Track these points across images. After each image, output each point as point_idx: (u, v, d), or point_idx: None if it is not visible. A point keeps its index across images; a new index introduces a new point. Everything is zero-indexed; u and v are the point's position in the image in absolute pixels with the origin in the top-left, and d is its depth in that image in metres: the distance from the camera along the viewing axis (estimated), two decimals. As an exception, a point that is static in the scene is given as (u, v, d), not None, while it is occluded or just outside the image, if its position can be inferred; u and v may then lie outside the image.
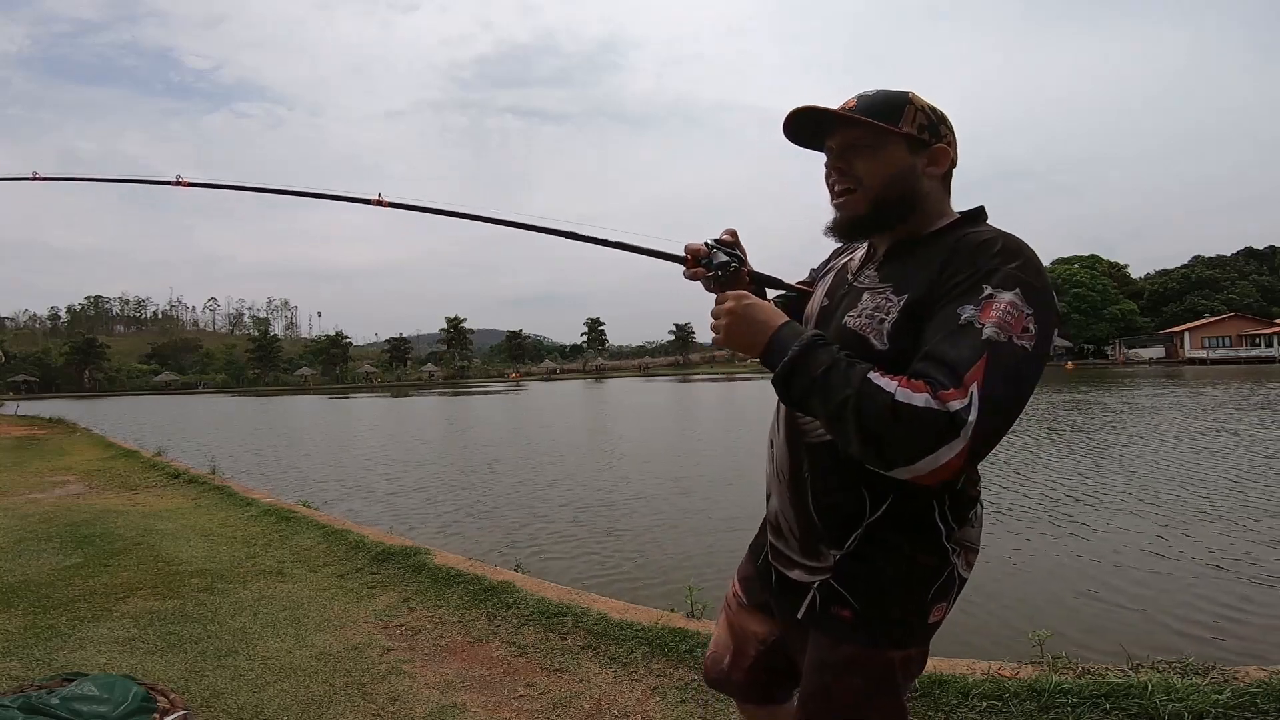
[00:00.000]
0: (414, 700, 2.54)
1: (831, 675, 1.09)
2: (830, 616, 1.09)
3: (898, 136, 1.07)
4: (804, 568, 1.14)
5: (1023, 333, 0.90)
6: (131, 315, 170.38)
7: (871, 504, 1.05)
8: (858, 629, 1.07)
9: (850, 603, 1.07)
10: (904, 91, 1.09)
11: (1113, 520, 6.77)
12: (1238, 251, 74.27)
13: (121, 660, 2.88)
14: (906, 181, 1.08)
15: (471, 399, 39.84)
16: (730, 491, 8.88)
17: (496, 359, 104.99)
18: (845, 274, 1.20)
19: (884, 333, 1.02)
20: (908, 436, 0.86)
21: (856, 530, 1.07)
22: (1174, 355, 55.91)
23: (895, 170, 1.07)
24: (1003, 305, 0.91)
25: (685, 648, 2.84)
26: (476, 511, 8.26)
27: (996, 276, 0.94)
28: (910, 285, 1.03)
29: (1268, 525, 6.33)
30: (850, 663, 1.08)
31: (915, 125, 1.07)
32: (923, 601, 1.07)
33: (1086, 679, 2.32)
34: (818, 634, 1.12)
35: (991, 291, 0.93)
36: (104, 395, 71.87)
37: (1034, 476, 9.17)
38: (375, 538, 4.87)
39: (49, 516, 5.97)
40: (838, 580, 1.09)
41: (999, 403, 0.87)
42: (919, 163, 1.08)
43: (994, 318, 0.90)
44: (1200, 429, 13.51)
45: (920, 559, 1.06)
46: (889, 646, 1.07)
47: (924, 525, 1.05)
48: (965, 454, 0.85)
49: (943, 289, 0.97)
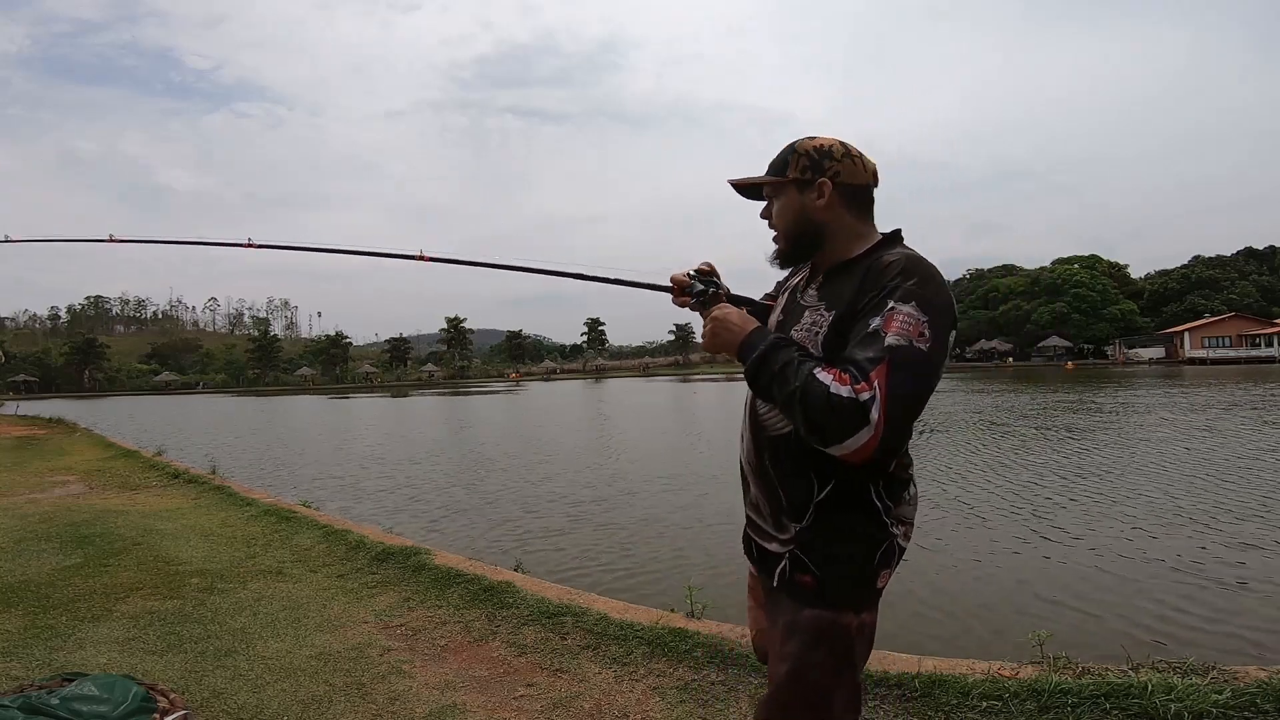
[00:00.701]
0: (414, 700, 2.54)
1: (797, 643, 1.24)
2: (796, 583, 1.26)
3: (788, 184, 1.30)
4: (777, 540, 1.31)
5: (919, 337, 1.10)
6: (131, 315, 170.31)
7: (819, 485, 1.23)
8: (818, 594, 1.23)
9: (811, 569, 1.24)
10: (793, 143, 1.32)
11: (1112, 520, 6.77)
12: (1238, 251, 74.20)
13: (121, 660, 2.88)
14: (803, 217, 1.30)
15: (471, 399, 39.85)
16: (730, 491, 8.87)
17: (496, 359, 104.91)
18: (795, 293, 1.41)
19: (818, 344, 1.23)
20: (837, 422, 1.06)
21: (810, 507, 1.25)
22: (1174, 355, 55.90)
23: (793, 211, 1.31)
24: (901, 315, 1.12)
25: (685, 648, 2.84)
26: (476, 511, 8.26)
27: (898, 293, 1.15)
28: (838, 303, 1.24)
29: (1268, 525, 6.33)
30: (814, 630, 1.23)
31: (799, 169, 1.29)
32: (869, 568, 1.24)
33: (1086, 679, 2.32)
34: (786, 599, 1.28)
35: (894, 305, 1.13)
36: (104, 395, 71.87)
37: (1034, 476, 9.17)
38: (375, 538, 4.87)
39: (49, 516, 5.97)
40: (800, 550, 1.26)
41: (899, 395, 1.07)
42: (809, 199, 1.29)
43: (894, 327, 1.11)
44: (1199, 429, 13.52)
45: (863, 531, 1.23)
46: (845, 609, 1.23)
47: (864, 503, 1.23)
48: (878, 437, 1.05)
49: (859, 305, 1.18)
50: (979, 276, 79.41)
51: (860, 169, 1.29)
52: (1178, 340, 56.51)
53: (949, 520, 6.95)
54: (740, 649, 2.78)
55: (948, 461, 10.61)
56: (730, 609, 3.87)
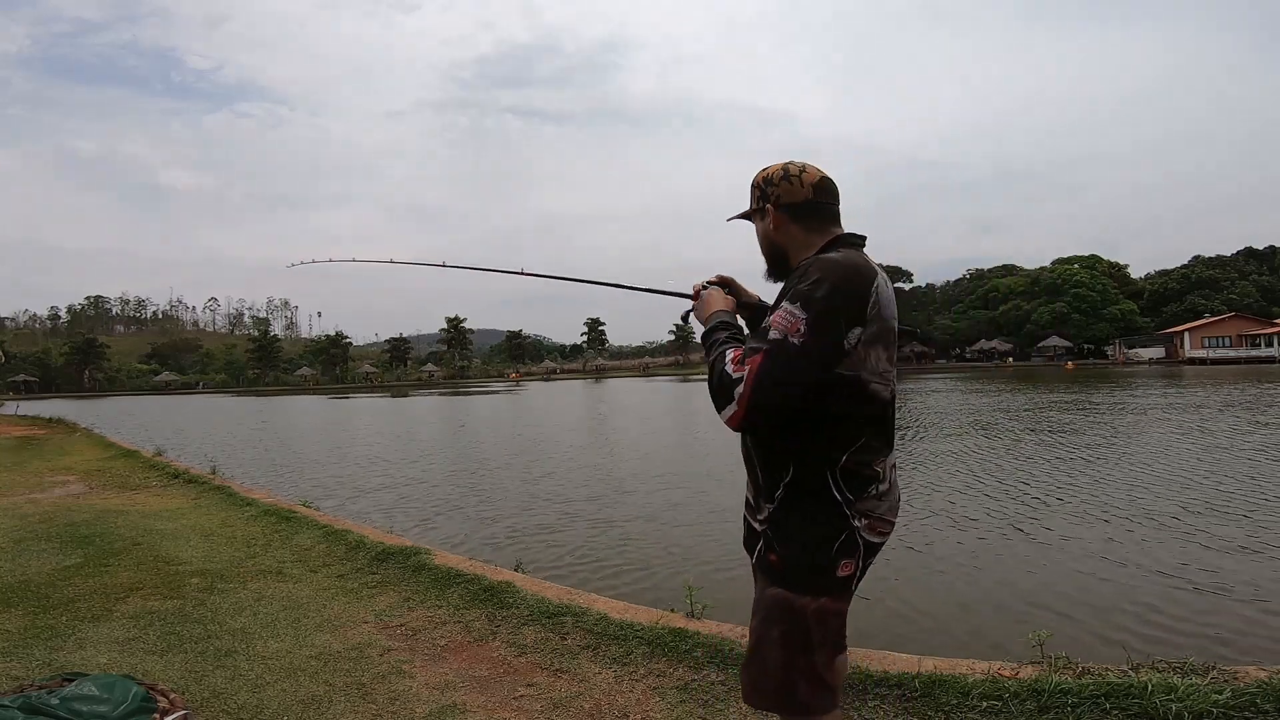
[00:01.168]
0: (414, 700, 2.54)
1: (760, 619, 1.35)
2: (766, 561, 1.36)
3: (753, 213, 1.49)
4: (756, 520, 1.42)
5: (795, 332, 1.23)
6: (131, 315, 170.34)
7: (781, 471, 1.33)
8: (780, 573, 1.33)
9: (776, 548, 1.34)
10: (757, 175, 1.47)
11: (1112, 520, 6.77)
12: (1238, 251, 74.15)
13: (121, 660, 2.88)
14: (765, 241, 1.47)
15: (471, 399, 39.85)
16: (730, 490, 8.87)
17: (496, 359, 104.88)
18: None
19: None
20: (717, 395, 1.29)
21: (778, 489, 1.35)
22: (1174, 355, 55.90)
23: (760, 237, 1.49)
24: (783, 313, 1.26)
25: (685, 648, 2.84)
26: (476, 511, 8.26)
27: (789, 293, 1.29)
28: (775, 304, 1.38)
29: (1265, 526, 6.33)
30: (773, 607, 1.33)
31: (755, 200, 1.47)
32: (827, 555, 1.30)
33: (1086, 679, 2.32)
34: (760, 576, 1.39)
35: (783, 304, 1.28)
36: (104, 395, 71.88)
37: (1033, 476, 9.17)
38: (375, 538, 4.87)
39: (49, 516, 5.97)
40: (770, 529, 1.36)
41: (763, 380, 1.22)
42: (765, 225, 1.46)
43: (776, 323, 1.26)
44: (1197, 428, 13.52)
45: (822, 518, 1.31)
46: (802, 592, 1.31)
47: (822, 492, 1.31)
48: (741, 412, 1.24)
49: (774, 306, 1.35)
50: (979, 276, 79.39)
51: (798, 187, 1.41)
52: (1178, 340, 56.50)
53: (948, 520, 6.95)
54: (740, 649, 2.78)
55: (947, 461, 10.62)
56: (730, 609, 3.87)
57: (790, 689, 1.33)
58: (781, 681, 1.33)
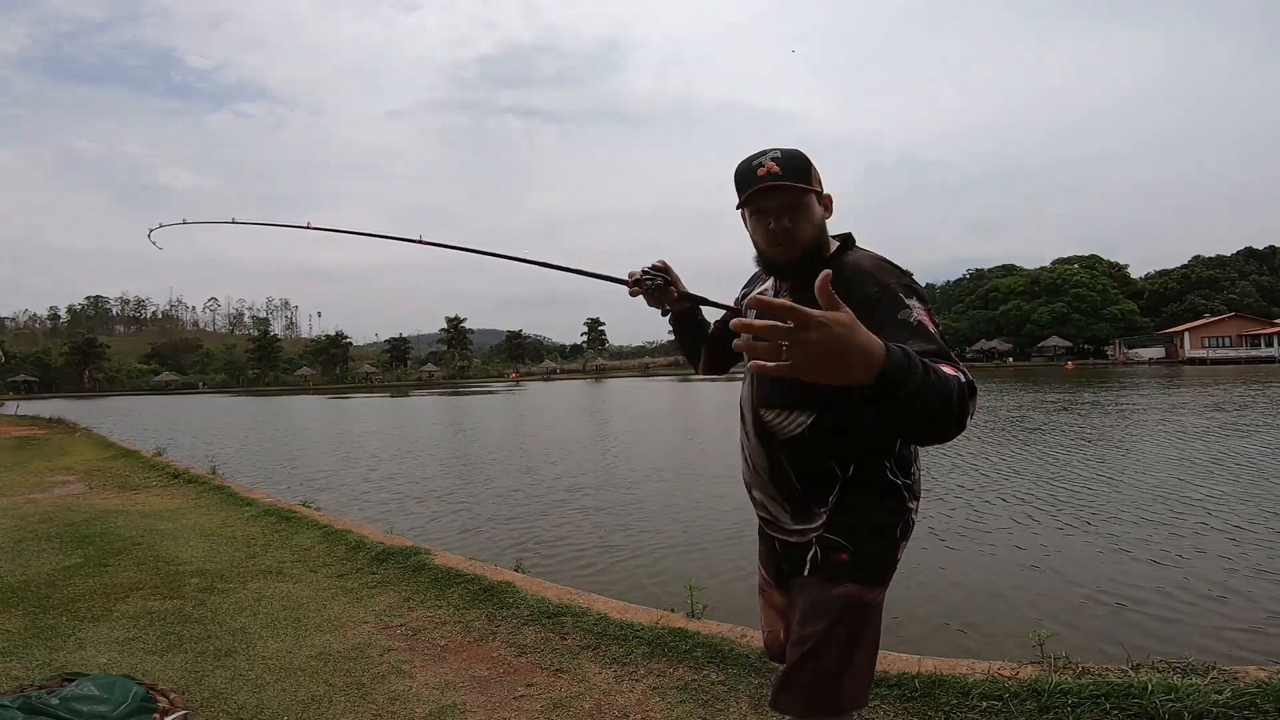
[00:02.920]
0: (414, 700, 2.54)
1: (819, 620, 1.29)
2: (830, 563, 1.31)
3: (813, 194, 1.33)
4: (799, 531, 1.38)
5: (937, 327, 1.22)
6: (131, 315, 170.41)
7: (841, 470, 1.32)
8: (852, 569, 1.30)
9: (845, 545, 1.31)
10: (799, 150, 1.33)
11: (1112, 520, 6.76)
12: (1238, 251, 74.19)
13: (121, 660, 2.88)
14: (820, 229, 1.36)
15: (471, 399, 39.85)
16: (730, 490, 8.87)
17: (496, 359, 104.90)
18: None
19: None
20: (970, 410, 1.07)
21: (834, 491, 1.33)
22: (1174, 355, 55.88)
23: (816, 222, 1.35)
24: (922, 311, 1.22)
25: (685, 648, 2.84)
26: (476, 511, 8.26)
27: (902, 289, 1.24)
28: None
29: (1264, 526, 6.33)
30: (844, 605, 1.28)
31: (817, 181, 1.34)
32: (894, 540, 1.33)
33: (1086, 679, 2.32)
34: (815, 583, 1.32)
35: (910, 302, 1.23)
36: (104, 395, 71.87)
37: (1032, 476, 9.17)
38: (375, 538, 4.87)
39: (49, 516, 5.97)
40: (830, 530, 1.33)
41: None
42: (821, 212, 1.36)
43: (926, 319, 1.21)
44: (1196, 428, 13.52)
45: (887, 506, 1.33)
46: (876, 584, 1.31)
47: (882, 480, 1.32)
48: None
49: (862, 302, 1.21)
50: (979, 276, 79.37)
51: None
52: (1178, 340, 56.49)
53: (947, 520, 6.95)
54: (740, 649, 2.78)
55: (946, 460, 10.61)
56: (730, 609, 3.86)
57: (852, 688, 1.28)
58: (846, 682, 1.27)
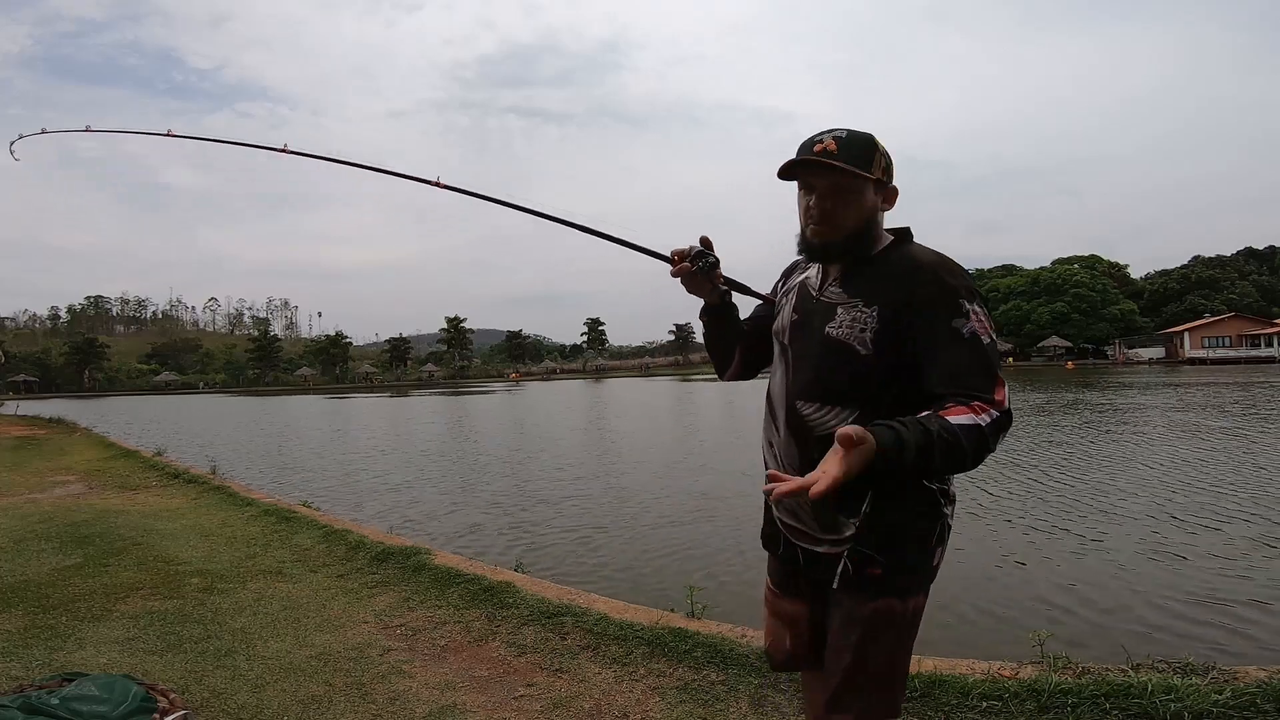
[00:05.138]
0: (414, 700, 2.54)
1: (859, 634, 1.25)
2: (864, 577, 1.27)
3: (869, 181, 1.26)
4: (829, 542, 1.31)
5: (993, 332, 1.20)
6: (131, 315, 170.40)
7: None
8: (887, 582, 1.26)
9: (879, 560, 1.26)
10: (870, 135, 1.28)
11: (1112, 519, 6.76)
12: (1238, 251, 74.25)
13: (121, 660, 2.88)
14: (871, 218, 1.29)
15: (471, 399, 39.84)
16: (730, 490, 8.87)
17: (496, 359, 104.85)
18: (808, 290, 1.38)
19: (867, 340, 1.23)
20: (996, 442, 1.13)
21: (865, 500, 1.25)
22: (1174, 355, 55.87)
23: (866, 210, 1.28)
24: (981, 316, 1.19)
25: (685, 648, 2.84)
26: (476, 511, 8.26)
27: (963, 292, 1.20)
28: (879, 298, 1.24)
29: (1265, 525, 6.33)
30: (880, 619, 1.25)
31: (881, 170, 1.28)
32: (930, 549, 1.29)
33: (1086, 679, 2.32)
34: (850, 594, 1.28)
35: (970, 307, 1.19)
36: (104, 395, 71.86)
37: (1031, 475, 9.17)
38: (375, 538, 4.87)
39: (49, 516, 5.97)
40: (862, 544, 1.27)
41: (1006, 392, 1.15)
42: (877, 201, 1.30)
43: (981, 328, 1.18)
44: (1196, 428, 13.52)
45: (924, 513, 1.27)
46: (912, 594, 1.27)
47: (919, 486, 1.26)
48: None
49: (919, 301, 1.20)
50: (979, 276, 79.18)
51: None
52: (1178, 340, 56.47)
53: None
54: (740, 649, 2.78)
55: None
56: (730, 609, 3.87)
57: (896, 695, 1.28)
58: (892, 691, 1.28)
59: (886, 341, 1.22)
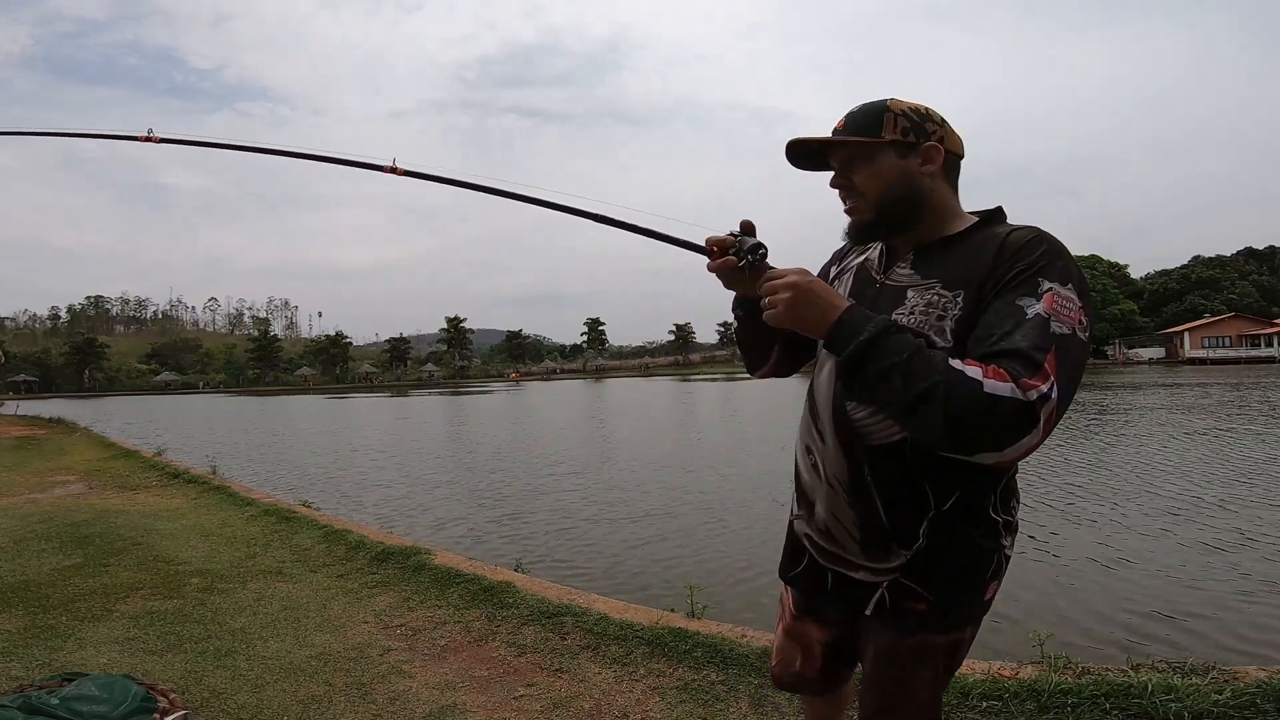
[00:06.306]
0: (414, 700, 2.54)
1: (900, 667, 1.16)
2: (903, 611, 1.14)
3: (884, 145, 1.12)
4: (868, 569, 1.16)
5: (1080, 325, 0.97)
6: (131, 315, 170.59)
7: (936, 499, 1.09)
8: (930, 619, 1.13)
9: (924, 596, 1.12)
10: (882, 101, 1.15)
11: (1111, 519, 6.76)
12: (1238, 251, 74.26)
13: (121, 660, 2.88)
14: (904, 184, 1.13)
15: (471, 399, 39.84)
16: (730, 490, 8.87)
17: (496, 359, 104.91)
18: (867, 273, 1.24)
19: (946, 329, 1.05)
20: (997, 425, 0.90)
21: (922, 525, 1.10)
22: (1174, 355, 55.88)
23: (890, 177, 1.13)
24: (1062, 299, 0.97)
25: (685, 648, 2.84)
26: (476, 511, 8.26)
27: (1051, 271, 0.99)
28: (962, 281, 1.06)
29: (1265, 523, 6.33)
30: (922, 652, 1.14)
31: (898, 130, 1.12)
32: (982, 584, 1.14)
33: (1086, 679, 2.32)
34: (886, 625, 1.16)
35: (1051, 286, 0.98)
36: (104, 395, 71.86)
37: (1033, 475, 9.17)
38: (375, 538, 4.87)
39: (49, 516, 5.97)
40: (908, 576, 1.13)
41: (1066, 392, 0.93)
42: (912, 164, 1.13)
43: (1056, 311, 0.96)
44: (1198, 428, 13.52)
45: (981, 547, 1.12)
46: (959, 629, 1.15)
47: (982, 515, 1.11)
48: (1040, 441, 0.92)
49: (999, 282, 1.01)
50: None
51: (958, 138, 1.16)
52: (1177, 340, 56.48)
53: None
54: (740, 649, 2.78)
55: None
56: (730, 609, 3.87)
57: (935, 714, 1.20)
58: (939, 711, 1.20)
59: (968, 330, 1.02)
